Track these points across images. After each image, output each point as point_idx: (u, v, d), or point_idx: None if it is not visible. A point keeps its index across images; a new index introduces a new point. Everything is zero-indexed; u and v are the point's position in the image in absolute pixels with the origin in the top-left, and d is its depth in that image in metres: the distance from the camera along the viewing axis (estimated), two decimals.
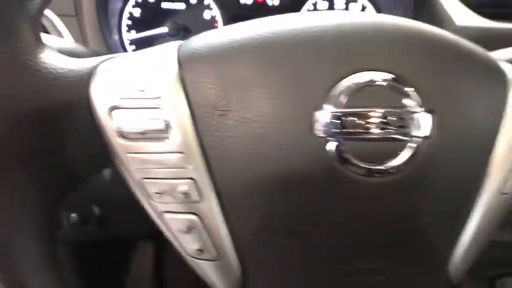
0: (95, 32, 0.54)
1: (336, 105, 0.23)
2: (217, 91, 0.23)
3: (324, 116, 0.23)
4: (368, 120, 0.23)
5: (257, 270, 0.26)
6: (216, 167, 0.24)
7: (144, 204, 0.26)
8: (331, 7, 0.62)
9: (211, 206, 0.24)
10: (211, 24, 0.61)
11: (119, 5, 0.60)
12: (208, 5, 0.60)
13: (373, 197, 0.24)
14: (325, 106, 0.23)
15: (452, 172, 0.25)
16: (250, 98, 0.23)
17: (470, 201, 0.26)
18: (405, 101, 0.24)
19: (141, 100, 0.23)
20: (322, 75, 0.23)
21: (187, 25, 0.60)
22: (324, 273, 0.26)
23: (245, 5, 0.61)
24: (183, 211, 0.25)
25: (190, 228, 0.25)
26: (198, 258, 0.26)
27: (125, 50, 0.60)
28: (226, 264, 0.26)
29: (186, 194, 0.24)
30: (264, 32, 0.24)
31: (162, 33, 0.59)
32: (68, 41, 0.49)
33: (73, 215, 0.49)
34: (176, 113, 0.23)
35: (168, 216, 0.25)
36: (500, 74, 0.27)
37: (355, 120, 0.23)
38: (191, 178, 0.24)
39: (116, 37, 0.60)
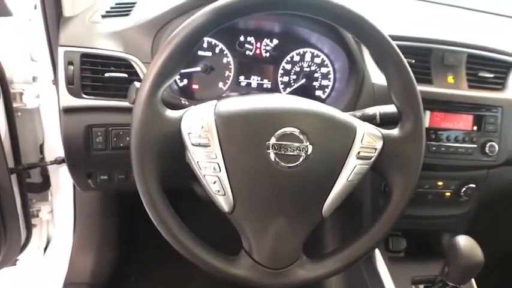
0: None
1: (276, 140, 0.61)
2: (227, 131, 0.61)
3: (271, 143, 0.61)
4: (288, 146, 0.61)
5: (241, 202, 0.64)
6: (226, 159, 0.61)
7: (197, 173, 0.63)
8: (302, 59, 0.99)
9: (223, 173, 0.62)
10: (227, 66, 0.98)
11: None
12: (226, 54, 0.97)
13: (288, 175, 0.62)
14: (272, 139, 0.61)
15: (323, 167, 0.63)
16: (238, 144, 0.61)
17: (333, 180, 0.64)
18: (302, 139, 0.61)
19: (199, 131, 0.61)
20: (272, 128, 0.61)
21: (212, 66, 0.96)
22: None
23: (248, 55, 0.98)
24: (212, 175, 0.62)
25: (215, 182, 0.62)
26: (217, 194, 0.63)
27: (175, 81, 0.97)
28: (227, 197, 0.63)
29: (214, 169, 0.62)
30: (256, 106, 0.62)
31: (197, 71, 0.96)
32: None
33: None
34: (212, 136, 0.61)
35: (207, 177, 0.63)
36: (350, 127, 0.64)
37: (282, 146, 0.61)
38: (217, 163, 0.61)
39: None
